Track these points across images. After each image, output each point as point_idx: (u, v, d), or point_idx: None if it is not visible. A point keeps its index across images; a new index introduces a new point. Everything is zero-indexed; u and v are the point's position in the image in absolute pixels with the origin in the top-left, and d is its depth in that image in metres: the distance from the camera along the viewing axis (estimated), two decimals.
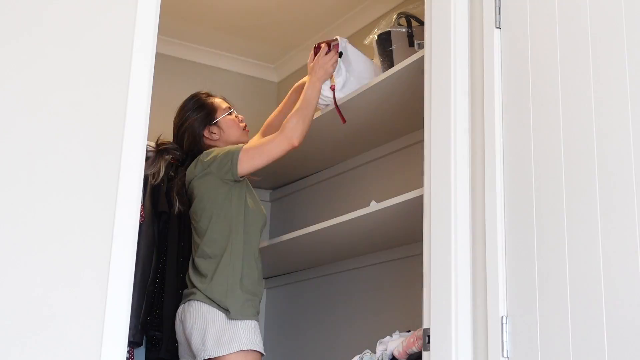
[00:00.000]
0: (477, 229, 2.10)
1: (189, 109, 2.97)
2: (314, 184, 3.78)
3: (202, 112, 2.96)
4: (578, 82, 1.91)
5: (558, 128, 1.94)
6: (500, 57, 2.15)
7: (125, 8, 2.01)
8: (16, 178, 1.80)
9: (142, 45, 2.00)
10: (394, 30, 2.90)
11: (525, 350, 1.90)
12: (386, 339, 2.57)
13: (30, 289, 1.76)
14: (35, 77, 1.87)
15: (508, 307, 1.97)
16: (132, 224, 1.89)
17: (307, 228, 3.05)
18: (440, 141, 2.21)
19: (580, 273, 1.81)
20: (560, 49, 1.98)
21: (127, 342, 1.84)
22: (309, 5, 3.70)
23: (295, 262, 3.60)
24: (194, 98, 3.02)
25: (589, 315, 1.77)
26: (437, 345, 2.07)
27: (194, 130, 2.93)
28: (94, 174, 1.88)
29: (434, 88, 2.28)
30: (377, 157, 3.39)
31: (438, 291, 2.11)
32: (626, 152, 1.76)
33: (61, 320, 1.77)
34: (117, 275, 1.84)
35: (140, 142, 1.94)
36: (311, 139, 3.36)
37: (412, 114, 2.90)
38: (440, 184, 2.18)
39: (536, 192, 1.96)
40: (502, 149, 2.08)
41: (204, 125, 2.94)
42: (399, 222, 2.80)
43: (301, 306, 3.56)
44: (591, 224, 1.80)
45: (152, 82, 2.00)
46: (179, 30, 3.93)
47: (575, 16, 1.95)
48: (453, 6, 2.27)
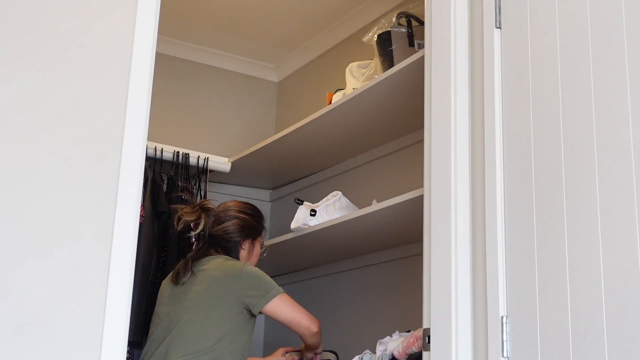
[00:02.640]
0: (477, 229, 2.10)
1: (251, 213, 3.04)
2: (314, 184, 3.78)
3: (256, 224, 3.03)
4: (578, 81, 1.91)
5: (558, 128, 1.94)
6: (500, 57, 2.15)
7: (125, 8, 2.01)
8: (16, 178, 1.80)
9: (142, 45, 2.00)
10: (394, 30, 2.90)
11: (525, 350, 1.90)
12: (386, 339, 2.57)
13: (30, 289, 1.76)
14: (35, 77, 1.87)
15: (508, 307, 1.97)
16: (132, 224, 1.89)
17: (307, 228, 3.05)
18: (440, 141, 2.21)
19: (580, 273, 1.81)
20: (560, 48, 1.98)
21: (127, 341, 1.84)
22: (309, 5, 3.70)
23: (295, 262, 3.60)
24: (259, 210, 3.11)
25: (589, 315, 1.77)
26: (437, 345, 2.07)
27: (239, 228, 2.97)
28: (94, 174, 1.88)
29: (434, 88, 2.28)
30: (377, 157, 3.39)
31: (438, 291, 2.11)
32: (626, 151, 1.76)
33: (61, 320, 1.77)
34: (117, 275, 1.84)
35: (140, 142, 1.94)
36: (311, 139, 3.37)
37: (412, 114, 2.90)
38: (440, 184, 2.18)
39: (536, 192, 1.96)
40: (502, 148, 2.08)
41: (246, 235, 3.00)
42: (399, 222, 2.80)
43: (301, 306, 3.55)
44: (591, 223, 1.80)
45: (152, 82, 2.00)
46: (179, 30, 3.93)
47: (575, 16, 1.95)
48: (453, 6, 2.27)
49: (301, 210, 3.10)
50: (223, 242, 2.94)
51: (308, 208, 3.06)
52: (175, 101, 4.00)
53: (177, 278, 2.83)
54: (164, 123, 3.80)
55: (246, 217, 2.99)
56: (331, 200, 3.05)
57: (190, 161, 3.53)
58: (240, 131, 4.13)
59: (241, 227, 2.96)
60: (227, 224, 2.95)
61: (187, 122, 4.01)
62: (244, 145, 3.90)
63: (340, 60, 3.66)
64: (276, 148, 3.50)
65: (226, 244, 2.94)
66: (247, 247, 2.98)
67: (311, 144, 3.43)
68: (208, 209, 2.94)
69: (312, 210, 3.03)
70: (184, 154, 3.51)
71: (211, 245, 2.93)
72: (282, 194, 4.02)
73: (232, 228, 2.95)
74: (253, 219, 3.01)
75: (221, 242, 2.93)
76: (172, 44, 3.99)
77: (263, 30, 3.95)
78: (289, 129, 3.34)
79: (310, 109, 3.53)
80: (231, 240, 2.94)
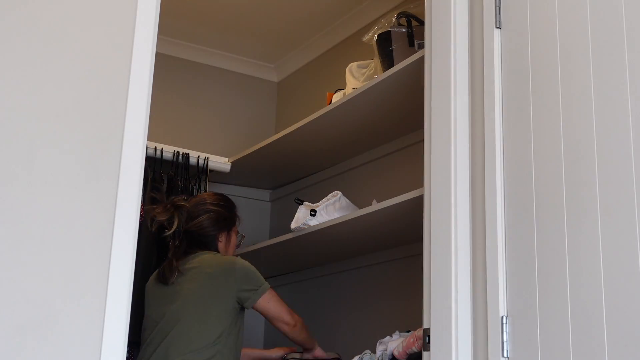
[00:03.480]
0: (477, 229, 2.10)
1: (222, 204, 3.03)
2: (314, 184, 3.78)
3: (229, 215, 3.03)
4: (578, 81, 1.91)
5: (558, 128, 1.94)
6: (500, 57, 2.15)
7: (125, 8, 2.01)
8: (16, 178, 1.80)
9: (142, 45, 2.00)
10: (394, 30, 2.90)
11: (525, 350, 1.90)
12: (386, 339, 2.57)
13: (30, 289, 1.76)
14: (35, 76, 1.87)
15: (508, 307, 1.97)
16: (132, 224, 1.89)
17: (307, 228, 3.05)
18: (440, 141, 2.21)
19: (580, 273, 1.81)
20: (560, 48, 1.98)
21: (127, 341, 1.84)
22: (309, 5, 3.70)
23: (295, 262, 3.60)
24: (230, 200, 3.10)
25: (589, 315, 1.77)
26: (437, 345, 2.07)
27: (214, 221, 2.97)
28: (94, 173, 1.88)
29: (434, 88, 2.28)
30: (377, 157, 3.39)
31: (438, 291, 2.11)
32: (626, 151, 1.76)
33: (61, 319, 1.77)
34: (117, 275, 1.84)
35: (140, 142, 1.94)
36: (311, 139, 3.37)
37: (412, 114, 2.90)
38: (440, 184, 2.18)
39: (536, 191, 1.96)
40: (502, 148, 2.08)
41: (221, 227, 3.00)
42: (399, 222, 2.80)
43: (301, 306, 3.55)
44: (592, 223, 1.80)
45: (152, 82, 2.00)
46: (179, 30, 3.93)
47: (575, 16, 1.95)
48: (453, 6, 2.27)
49: (301, 210, 3.10)
50: (200, 238, 2.94)
51: (308, 208, 3.06)
52: (175, 101, 4.00)
53: (165, 279, 2.84)
54: (164, 123, 3.80)
55: (219, 210, 2.99)
56: (331, 200, 3.05)
57: (190, 161, 3.53)
58: (240, 131, 4.13)
59: (215, 220, 2.96)
60: (201, 219, 2.94)
61: (187, 122, 4.01)
62: (244, 145, 3.90)
63: (340, 60, 3.66)
64: (276, 148, 3.50)
65: (203, 239, 2.94)
66: (223, 239, 2.99)
67: (311, 144, 3.43)
68: (180, 206, 2.94)
69: (312, 210, 3.03)
70: (184, 154, 3.51)
71: (189, 242, 2.93)
72: (282, 194, 4.02)
73: (207, 222, 2.94)
74: (225, 209, 3.01)
75: (198, 238, 2.94)
76: (172, 44, 3.99)
77: (263, 30, 3.95)
78: (289, 129, 3.35)
79: (310, 109, 3.53)
80: (207, 235, 2.95)
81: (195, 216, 2.95)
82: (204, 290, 2.77)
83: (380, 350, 2.55)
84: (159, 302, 2.83)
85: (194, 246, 2.92)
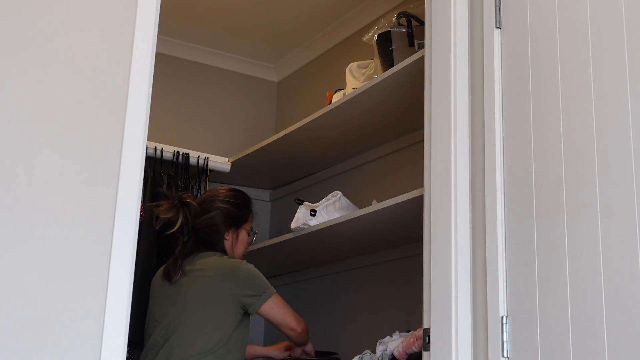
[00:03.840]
0: (477, 229, 2.10)
1: (232, 201, 2.98)
2: (314, 184, 3.78)
3: (239, 212, 2.97)
4: (578, 81, 1.91)
5: (558, 128, 1.94)
6: (500, 57, 2.15)
7: (125, 8, 2.01)
8: (16, 178, 1.80)
9: (142, 45, 2.00)
10: (394, 30, 2.90)
11: (525, 350, 1.90)
12: (386, 339, 2.57)
13: (30, 289, 1.76)
14: (35, 76, 1.87)
15: (508, 307, 1.97)
16: (132, 224, 1.89)
17: (307, 228, 3.05)
18: (440, 141, 2.21)
19: (580, 273, 1.81)
20: (560, 48, 1.98)
21: (127, 341, 1.84)
22: (309, 5, 3.70)
23: (295, 262, 3.60)
24: (245, 195, 3.05)
25: (589, 315, 1.77)
26: (437, 345, 2.07)
27: (220, 219, 2.93)
28: (94, 174, 1.88)
29: (434, 88, 2.28)
30: (377, 157, 3.40)
31: (438, 291, 2.11)
32: (626, 151, 1.76)
33: (61, 320, 1.77)
34: (117, 275, 1.84)
35: (140, 142, 1.94)
36: (311, 138, 3.37)
37: (412, 114, 2.90)
38: (440, 184, 2.18)
39: (536, 192, 1.96)
40: (502, 148, 2.08)
41: (228, 225, 2.95)
42: (399, 222, 2.80)
43: (301, 306, 3.55)
44: (592, 223, 1.80)
45: (152, 82, 2.00)
46: (179, 30, 3.93)
47: (575, 16, 1.95)
48: (453, 6, 2.27)
49: (301, 210, 3.10)
50: (206, 237, 2.90)
51: (308, 208, 3.06)
52: (175, 101, 4.00)
53: (169, 276, 2.81)
54: (164, 123, 3.80)
55: (227, 207, 2.93)
56: (331, 200, 3.05)
57: (190, 161, 3.52)
58: (240, 131, 4.13)
59: (222, 217, 2.91)
60: (209, 215, 2.90)
61: (187, 122, 4.01)
62: (244, 145, 3.90)
63: (340, 60, 3.66)
64: (276, 148, 3.50)
65: (209, 237, 2.90)
66: (230, 237, 2.93)
67: (311, 144, 3.43)
68: (187, 203, 2.90)
69: (312, 210, 3.02)
70: (184, 154, 3.51)
71: (196, 239, 2.90)
72: (282, 194, 4.02)
73: (213, 220, 2.90)
74: (235, 207, 2.95)
75: (204, 236, 2.90)
76: (172, 44, 3.99)
77: (263, 30, 3.95)
78: (289, 129, 3.35)
79: (310, 109, 3.53)
80: (214, 232, 2.90)
81: (203, 213, 2.90)
82: (206, 294, 2.75)
83: (380, 350, 2.55)
84: (162, 302, 2.82)
85: (200, 245, 2.88)
